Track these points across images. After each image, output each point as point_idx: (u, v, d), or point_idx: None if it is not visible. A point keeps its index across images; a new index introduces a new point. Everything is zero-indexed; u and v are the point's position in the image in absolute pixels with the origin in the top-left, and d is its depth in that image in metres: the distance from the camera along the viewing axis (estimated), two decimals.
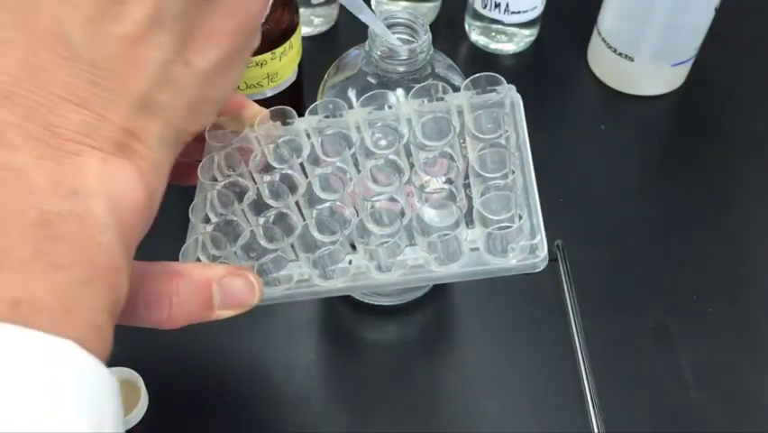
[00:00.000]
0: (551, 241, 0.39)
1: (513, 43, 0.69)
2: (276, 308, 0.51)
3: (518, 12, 0.65)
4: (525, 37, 0.69)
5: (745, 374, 0.51)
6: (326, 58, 0.48)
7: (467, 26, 0.70)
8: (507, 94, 0.36)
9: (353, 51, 0.46)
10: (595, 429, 0.48)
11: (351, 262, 0.34)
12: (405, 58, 0.41)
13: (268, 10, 0.48)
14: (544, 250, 0.33)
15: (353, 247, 0.34)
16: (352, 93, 0.44)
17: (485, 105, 0.36)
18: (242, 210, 0.35)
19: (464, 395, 0.51)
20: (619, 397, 0.49)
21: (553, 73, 0.69)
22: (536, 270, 0.33)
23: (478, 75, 0.36)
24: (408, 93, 0.37)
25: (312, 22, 0.68)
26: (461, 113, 0.36)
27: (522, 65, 0.69)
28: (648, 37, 0.61)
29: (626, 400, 0.50)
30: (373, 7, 0.70)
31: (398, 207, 0.34)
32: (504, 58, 0.69)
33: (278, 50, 0.50)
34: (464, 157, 0.36)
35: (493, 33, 0.68)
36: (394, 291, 0.53)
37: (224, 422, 0.49)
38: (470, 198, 0.35)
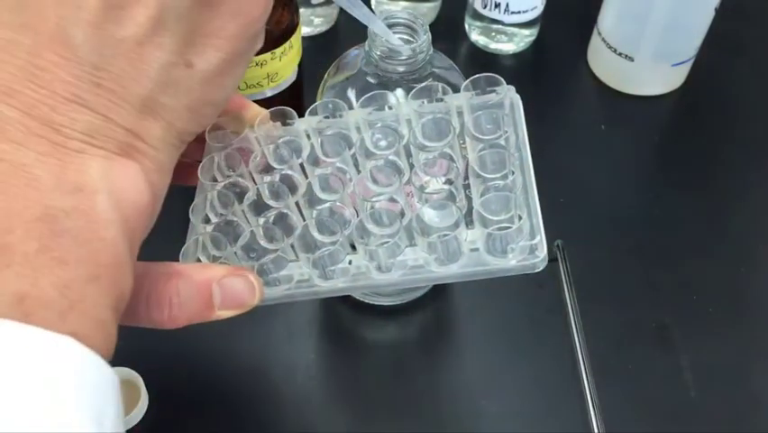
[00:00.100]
0: (551, 241, 0.39)
1: (513, 43, 0.69)
2: (276, 308, 0.51)
3: (518, 12, 0.65)
4: (525, 37, 0.69)
5: (745, 374, 0.51)
6: (326, 58, 0.48)
7: (467, 26, 0.70)
8: (507, 95, 0.36)
9: (353, 51, 0.46)
10: (595, 429, 0.48)
11: (351, 263, 0.34)
12: (405, 58, 0.41)
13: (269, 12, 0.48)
14: (543, 250, 0.33)
15: (353, 247, 0.34)
16: (351, 93, 0.44)
17: (485, 106, 0.36)
18: (243, 211, 0.35)
19: (464, 395, 0.51)
20: (619, 397, 0.49)
21: (553, 73, 0.69)
22: (536, 270, 0.33)
23: (477, 76, 0.36)
24: (408, 93, 0.37)
25: (312, 22, 0.68)
26: (460, 113, 0.36)
27: (522, 65, 0.69)
28: (648, 37, 0.61)
29: (626, 400, 0.49)
30: (373, 7, 0.70)
31: (398, 208, 0.34)
32: (504, 58, 0.69)
33: (278, 50, 0.50)
34: (464, 158, 0.36)
35: (493, 33, 0.68)
36: (394, 291, 0.53)
37: (224, 422, 0.49)
38: (469, 199, 0.35)
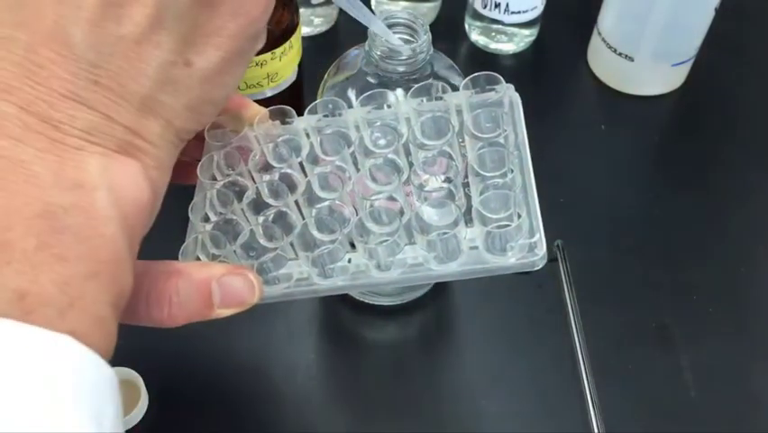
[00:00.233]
0: (551, 241, 0.39)
1: (513, 43, 0.69)
2: (276, 307, 0.51)
3: (518, 12, 0.65)
4: (525, 37, 0.69)
5: (745, 374, 0.51)
6: (326, 58, 0.48)
7: (467, 26, 0.70)
8: (506, 93, 0.36)
9: (353, 51, 0.46)
10: (595, 429, 0.48)
11: (350, 261, 0.34)
12: (405, 58, 0.41)
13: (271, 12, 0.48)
14: (542, 248, 0.33)
15: (353, 246, 0.34)
16: (351, 93, 0.44)
17: (484, 105, 0.36)
18: (242, 209, 0.35)
19: (464, 395, 0.51)
20: (619, 397, 0.49)
21: (553, 73, 0.69)
22: (535, 268, 0.33)
23: (477, 74, 0.36)
24: (408, 93, 0.37)
25: (312, 22, 0.68)
26: (459, 112, 0.36)
27: (522, 65, 0.69)
28: (648, 37, 0.61)
29: (626, 400, 0.49)
30: (373, 7, 0.70)
31: (398, 206, 0.34)
32: (504, 58, 0.69)
33: (278, 50, 0.50)
34: (463, 156, 0.36)
35: (493, 33, 0.68)
36: (394, 291, 0.53)
37: (224, 422, 0.49)
38: (469, 197, 0.35)
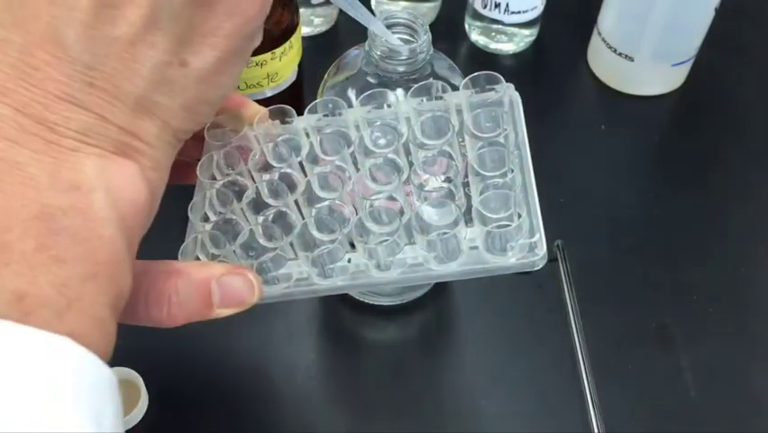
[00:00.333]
0: (551, 241, 0.39)
1: (513, 43, 0.69)
2: (276, 307, 0.51)
3: (518, 12, 0.65)
4: (525, 37, 0.69)
5: (745, 374, 0.51)
6: (326, 58, 0.48)
7: (467, 26, 0.70)
8: (506, 92, 0.36)
9: (353, 51, 0.46)
10: (595, 429, 0.48)
11: (350, 261, 0.34)
12: (405, 58, 0.41)
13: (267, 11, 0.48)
14: (542, 248, 0.33)
15: (352, 246, 0.34)
16: (351, 93, 0.44)
17: (484, 104, 0.36)
18: (242, 209, 0.35)
19: (464, 395, 0.51)
20: (619, 397, 0.49)
21: (553, 73, 0.69)
22: (535, 268, 0.33)
23: (477, 74, 0.36)
24: (408, 93, 0.37)
25: (312, 22, 0.68)
26: (459, 111, 0.36)
27: (522, 65, 0.69)
28: (648, 37, 0.61)
29: (626, 400, 0.49)
30: (373, 7, 0.70)
31: (398, 206, 0.34)
32: (504, 58, 0.69)
33: (278, 50, 0.50)
34: (463, 156, 0.36)
35: (493, 33, 0.68)
36: (394, 291, 0.53)
37: (224, 422, 0.49)
38: (469, 197, 0.35)
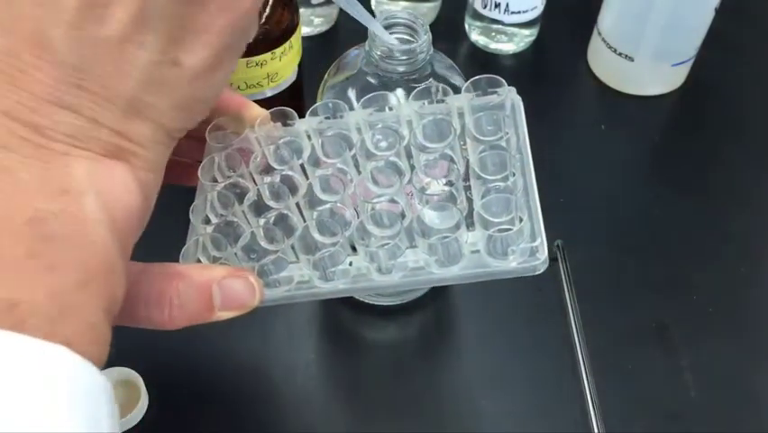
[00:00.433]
0: (551, 241, 0.39)
1: (513, 43, 0.69)
2: (276, 308, 0.51)
3: (518, 12, 0.65)
4: (525, 37, 0.69)
5: (745, 374, 0.51)
6: (326, 58, 0.48)
7: (467, 26, 0.70)
8: (508, 96, 0.36)
9: (353, 51, 0.46)
10: (595, 429, 0.48)
11: (351, 264, 0.34)
12: (405, 58, 0.41)
13: (268, 10, 0.48)
14: (544, 252, 0.33)
15: (354, 249, 0.34)
16: (352, 93, 0.44)
17: (486, 108, 0.36)
18: (243, 211, 0.35)
19: (464, 395, 0.51)
20: (619, 397, 0.49)
21: (553, 73, 0.69)
22: (537, 272, 0.33)
23: (478, 77, 0.36)
24: (408, 93, 0.37)
25: (312, 22, 0.68)
26: (461, 115, 0.36)
27: (522, 65, 0.69)
28: (648, 37, 0.61)
29: (626, 400, 0.50)
30: (373, 7, 0.70)
31: (399, 209, 0.34)
32: (504, 58, 0.69)
33: (278, 50, 0.49)
34: (465, 159, 0.36)
35: (493, 33, 0.68)
36: (394, 292, 0.53)
37: (224, 422, 0.49)
38: (470, 201, 0.35)
